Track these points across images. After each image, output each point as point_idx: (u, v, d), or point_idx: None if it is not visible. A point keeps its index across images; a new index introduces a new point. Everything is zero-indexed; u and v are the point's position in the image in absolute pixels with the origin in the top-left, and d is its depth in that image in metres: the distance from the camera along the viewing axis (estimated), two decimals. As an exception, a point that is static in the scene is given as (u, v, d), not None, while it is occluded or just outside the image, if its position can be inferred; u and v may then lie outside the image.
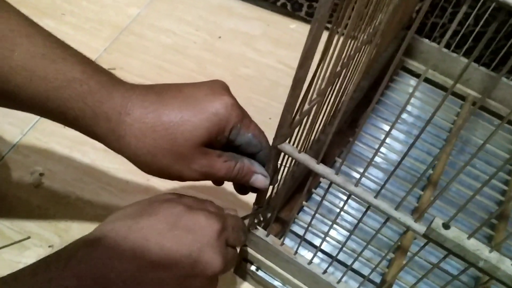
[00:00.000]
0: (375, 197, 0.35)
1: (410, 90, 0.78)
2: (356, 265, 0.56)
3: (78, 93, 0.36)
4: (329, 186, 0.38)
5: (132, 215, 0.39)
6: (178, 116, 0.38)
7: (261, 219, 0.50)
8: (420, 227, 0.33)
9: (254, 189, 0.45)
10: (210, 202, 0.44)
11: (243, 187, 0.46)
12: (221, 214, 0.42)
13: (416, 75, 0.81)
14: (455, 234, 0.31)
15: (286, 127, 0.37)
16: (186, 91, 0.40)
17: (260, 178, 0.43)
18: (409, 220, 0.34)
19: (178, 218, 0.38)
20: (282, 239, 0.48)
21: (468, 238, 0.31)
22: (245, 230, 0.45)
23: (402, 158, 0.32)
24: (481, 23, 0.74)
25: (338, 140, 0.67)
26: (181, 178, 0.40)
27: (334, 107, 0.54)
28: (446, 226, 0.31)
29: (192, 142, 0.38)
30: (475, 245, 0.31)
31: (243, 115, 0.41)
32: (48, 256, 0.36)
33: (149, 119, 0.38)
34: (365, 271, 0.57)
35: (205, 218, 0.39)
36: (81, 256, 0.35)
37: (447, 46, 0.77)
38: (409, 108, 0.76)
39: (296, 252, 0.48)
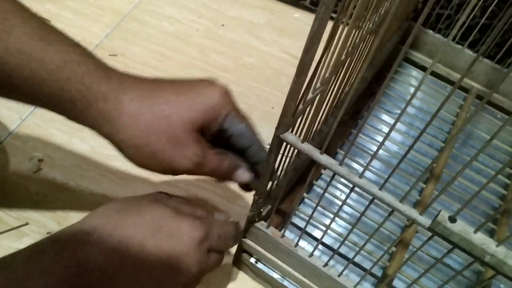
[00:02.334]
0: (380, 189, 0.34)
1: (413, 82, 0.78)
2: (357, 258, 0.56)
3: (76, 74, 0.36)
4: (332, 177, 0.37)
5: (120, 211, 0.39)
6: (174, 98, 0.39)
7: (261, 211, 0.49)
8: (426, 220, 0.33)
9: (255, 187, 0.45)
10: (200, 206, 0.44)
11: (245, 185, 0.46)
12: (208, 220, 0.42)
13: (419, 67, 0.80)
14: (461, 227, 0.30)
15: (289, 116, 0.36)
16: (180, 81, 0.41)
17: (241, 172, 0.43)
18: (414, 213, 0.33)
19: (162, 221, 0.38)
20: (282, 231, 0.48)
21: (475, 232, 0.30)
22: (235, 235, 0.45)
23: (407, 153, 0.31)
24: (487, 14, 0.73)
25: (340, 131, 0.66)
26: (172, 168, 0.40)
27: (337, 98, 0.54)
28: (452, 219, 0.30)
29: (188, 124, 0.38)
30: (481, 239, 0.30)
31: (237, 106, 0.42)
32: (42, 241, 0.36)
33: (146, 100, 0.38)
34: (366, 264, 0.56)
35: (189, 225, 0.39)
36: (72, 248, 0.35)
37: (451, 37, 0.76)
38: (411, 99, 0.75)
39: (296, 245, 0.48)
